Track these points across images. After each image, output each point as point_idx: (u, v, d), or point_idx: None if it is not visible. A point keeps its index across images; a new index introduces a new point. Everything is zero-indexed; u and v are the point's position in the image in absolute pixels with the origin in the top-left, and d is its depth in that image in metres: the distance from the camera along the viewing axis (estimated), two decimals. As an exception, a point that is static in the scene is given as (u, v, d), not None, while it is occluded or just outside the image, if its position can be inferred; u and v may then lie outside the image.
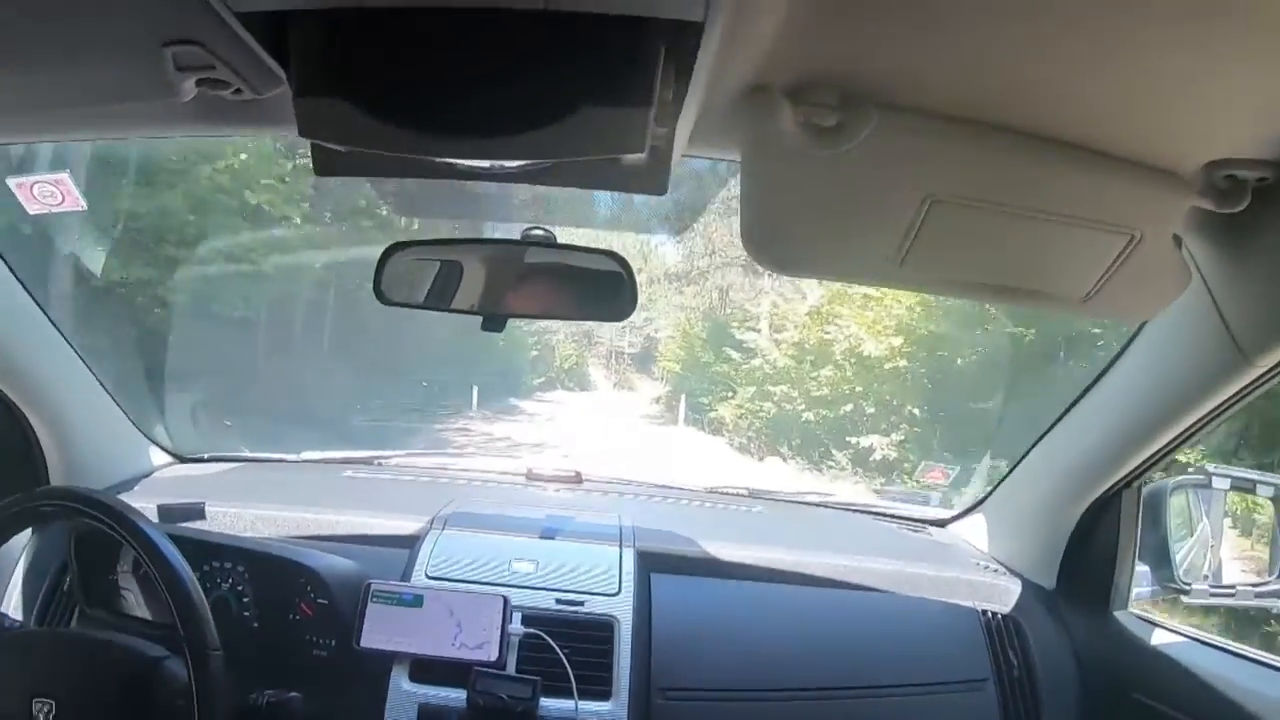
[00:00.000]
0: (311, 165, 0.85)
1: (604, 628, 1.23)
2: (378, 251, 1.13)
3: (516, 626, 1.20)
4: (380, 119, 0.63)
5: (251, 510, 1.42)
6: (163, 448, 1.67)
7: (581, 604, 1.26)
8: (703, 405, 11.60)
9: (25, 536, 1.34)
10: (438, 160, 0.77)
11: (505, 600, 1.20)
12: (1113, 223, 0.88)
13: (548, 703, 1.16)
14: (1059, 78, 0.72)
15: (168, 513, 1.30)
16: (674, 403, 13.04)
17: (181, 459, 1.70)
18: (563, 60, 0.61)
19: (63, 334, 1.37)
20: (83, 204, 1.40)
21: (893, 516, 1.82)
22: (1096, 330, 5.28)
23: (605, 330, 14.18)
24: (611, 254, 1.09)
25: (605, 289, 1.10)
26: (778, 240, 1.00)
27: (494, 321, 1.10)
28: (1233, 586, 1.47)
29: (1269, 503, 1.50)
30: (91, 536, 1.27)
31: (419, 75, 0.63)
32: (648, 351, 15.64)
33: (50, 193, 1.35)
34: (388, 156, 0.82)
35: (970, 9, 0.63)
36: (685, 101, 0.72)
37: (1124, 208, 0.86)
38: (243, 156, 6.25)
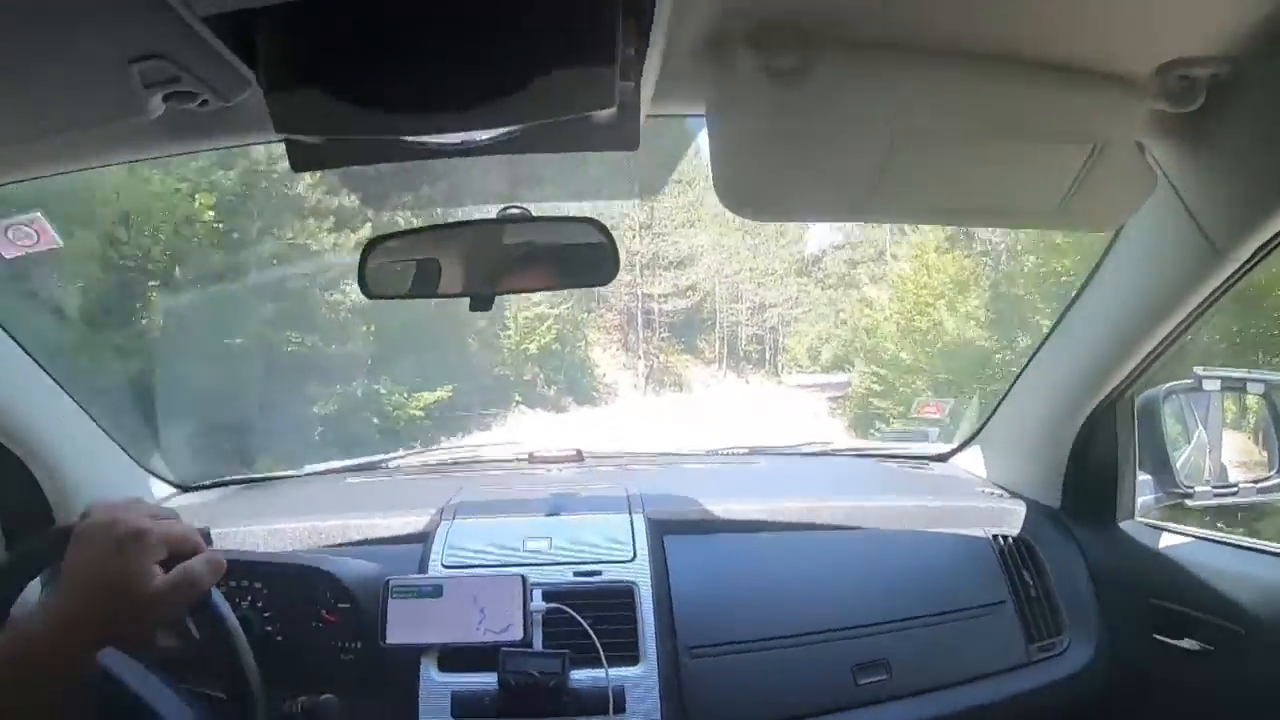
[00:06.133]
0: (288, 163, 0.86)
1: (624, 594, 1.24)
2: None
3: (538, 603, 1.20)
4: (352, 103, 0.64)
5: (262, 526, 1.40)
6: (163, 479, 1.66)
7: (599, 573, 1.26)
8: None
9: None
10: (411, 141, 0.78)
11: (524, 579, 1.20)
12: (1074, 134, 0.90)
13: (578, 674, 1.16)
14: None
15: None
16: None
17: (185, 488, 1.69)
18: (523, 24, 0.63)
19: (50, 374, 1.36)
20: (59, 242, 1.37)
21: (893, 457, 1.84)
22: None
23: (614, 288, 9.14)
24: (590, 220, 1.11)
25: (587, 255, 1.11)
26: (752, 189, 1.01)
27: (481, 301, 1.11)
28: (1235, 485, 1.50)
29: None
30: None
31: (386, 54, 0.64)
32: (695, 314, 9.12)
33: (25, 234, 1.32)
34: (361, 143, 0.83)
35: None
36: (647, 56, 0.73)
37: (1083, 119, 0.88)
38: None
